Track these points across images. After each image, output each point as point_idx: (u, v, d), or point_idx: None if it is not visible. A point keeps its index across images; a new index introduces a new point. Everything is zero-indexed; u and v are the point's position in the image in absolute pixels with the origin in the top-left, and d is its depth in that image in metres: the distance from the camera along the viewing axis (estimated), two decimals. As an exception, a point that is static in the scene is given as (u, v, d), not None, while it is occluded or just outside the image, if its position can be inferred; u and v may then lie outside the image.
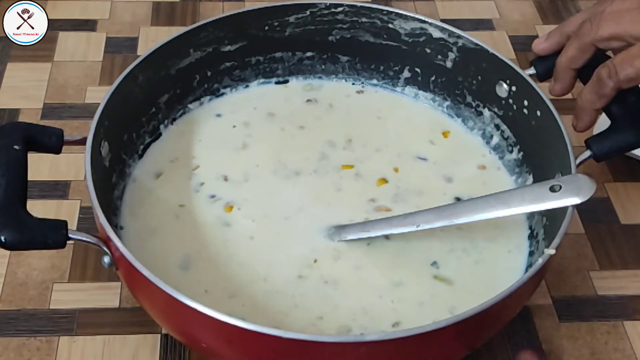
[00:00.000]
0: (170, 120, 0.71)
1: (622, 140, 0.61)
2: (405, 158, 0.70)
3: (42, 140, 0.58)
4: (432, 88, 0.74)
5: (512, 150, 0.69)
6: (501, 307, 0.52)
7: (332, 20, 0.73)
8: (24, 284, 0.67)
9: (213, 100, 0.74)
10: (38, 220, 0.52)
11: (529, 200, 0.57)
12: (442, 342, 0.52)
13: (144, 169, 0.68)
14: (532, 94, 0.65)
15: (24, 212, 0.52)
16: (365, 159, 0.70)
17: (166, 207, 0.65)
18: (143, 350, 0.63)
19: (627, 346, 0.65)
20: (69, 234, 0.53)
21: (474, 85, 0.71)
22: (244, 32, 0.72)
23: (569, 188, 0.55)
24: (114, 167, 0.64)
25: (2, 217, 0.51)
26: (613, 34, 0.59)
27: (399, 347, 0.50)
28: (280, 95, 0.75)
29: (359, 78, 0.76)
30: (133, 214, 0.64)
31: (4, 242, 0.51)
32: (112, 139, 0.63)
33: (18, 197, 0.53)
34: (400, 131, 0.73)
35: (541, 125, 0.64)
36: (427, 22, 0.70)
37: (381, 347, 0.49)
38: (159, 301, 0.53)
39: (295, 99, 0.75)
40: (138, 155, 0.68)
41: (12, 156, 0.54)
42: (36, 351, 0.62)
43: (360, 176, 0.68)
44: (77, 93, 0.84)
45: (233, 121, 0.72)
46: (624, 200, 0.76)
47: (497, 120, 0.70)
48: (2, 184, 0.53)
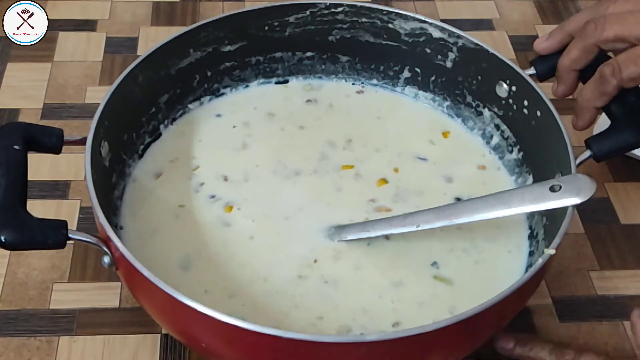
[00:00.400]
0: (170, 120, 0.71)
1: (622, 140, 0.61)
2: (405, 158, 0.70)
3: (42, 140, 0.58)
4: (432, 88, 0.74)
5: (512, 150, 0.69)
6: (501, 307, 0.52)
7: (332, 20, 0.72)
8: (24, 284, 0.67)
9: (213, 101, 0.74)
10: (38, 220, 0.52)
11: (529, 200, 0.57)
12: (442, 342, 0.52)
13: (144, 169, 0.68)
14: (532, 94, 0.65)
15: (24, 212, 0.52)
16: (365, 159, 0.70)
17: (166, 207, 0.65)
18: (143, 350, 0.63)
19: (627, 346, 0.65)
20: (69, 234, 0.53)
21: (474, 85, 0.71)
22: (244, 32, 0.72)
23: (569, 188, 0.55)
24: (114, 167, 0.64)
25: (2, 217, 0.51)
26: (618, 36, 0.59)
27: (398, 347, 0.50)
28: (280, 96, 0.75)
29: (359, 78, 0.76)
30: (133, 214, 0.64)
31: (4, 242, 0.51)
32: (112, 139, 0.63)
33: (18, 197, 0.53)
34: (400, 131, 0.73)
35: (541, 125, 0.64)
36: (427, 22, 0.70)
37: (381, 347, 0.49)
38: (158, 301, 0.53)
39: (295, 99, 0.75)
40: (138, 155, 0.68)
41: (12, 156, 0.54)
42: (36, 351, 0.62)
43: (360, 176, 0.68)
44: (77, 93, 0.84)
45: (233, 121, 0.72)
46: (624, 200, 0.76)
47: (497, 120, 0.70)
48: (2, 184, 0.53)
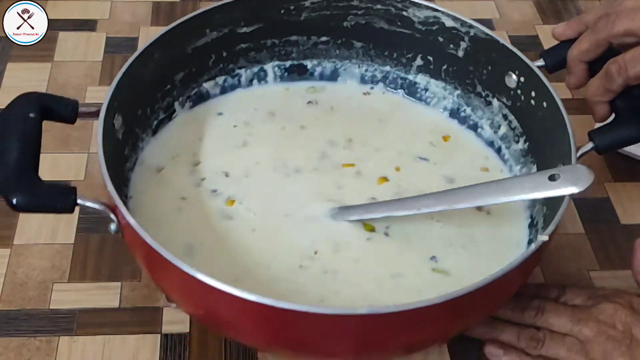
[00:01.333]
0: (185, 98, 0.72)
1: (625, 134, 0.61)
2: (406, 158, 0.70)
3: (57, 110, 0.59)
4: (444, 77, 0.74)
5: (519, 140, 0.69)
6: (493, 289, 0.52)
7: (347, 6, 0.73)
8: (24, 284, 0.67)
9: (215, 99, 0.74)
10: (48, 185, 0.54)
11: (528, 188, 0.58)
12: (429, 321, 0.53)
13: (146, 163, 0.68)
14: (539, 85, 0.66)
15: (35, 177, 0.54)
16: (366, 158, 0.70)
17: (169, 199, 0.66)
18: (143, 350, 0.63)
19: (627, 346, 0.65)
20: (78, 199, 0.54)
21: (484, 75, 0.72)
22: (261, 14, 0.73)
23: (567, 177, 0.56)
24: (127, 141, 0.66)
25: (14, 180, 0.53)
26: (627, 30, 0.60)
27: (389, 322, 0.51)
28: (281, 97, 0.75)
29: (368, 74, 0.77)
30: (140, 191, 0.66)
31: (15, 204, 0.53)
32: (126, 112, 0.64)
33: (30, 163, 0.55)
34: (401, 133, 0.73)
35: (547, 117, 0.65)
36: (440, 11, 0.71)
37: (371, 322, 0.51)
38: (160, 267, 0.54)
39: (297, 100, 0.75)
40: (152, 130, 0.69)
41: (27, 124, 0.56)
42: (36, 351, 0.62)
43: (361, 174, 0.69)
44: (77, 93, 0.84)
45: (233, 121, 0.73)
46: (624, 200, 0.76)
47: (505, 110, 0.71)
48: (16, 150, 0.54)
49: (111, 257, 0.69)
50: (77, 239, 0.70)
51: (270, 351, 0.63)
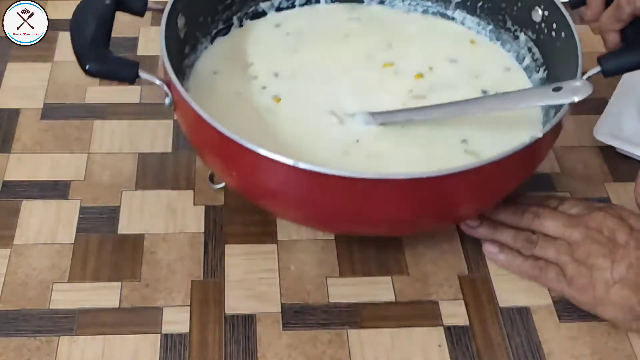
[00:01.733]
0: (243, 14, 0.79)
1: (632, 60, 0.66)
2: (439, 59, 0.78)
3: (129, 2, 0.69)
4: (479, 13, 0.81)
5: (539, 70, 0.75)
6: (494, 170, 0.60)
7: None
8: (24, 284, 0.67)
9: (271, 15, 0.82)
10: (117, 57, 0.64)
11: (535, 97, 0.69)
12: (450, 189, 0.60)
13: (203, 65, 0.75)
14: (560, 18, 0.72)
15: (106, 50, 0.64)
16: (403, 60, 0.78)
17: (224, 94, 0.73)
18: (143, 350, 0.63)
19: (627, 346, 0.65)
20: (140, 72, 0.63)
21: (514, 11, 0.78)
22: None
23: (568, 89, 0.64)
24: (188, 41, 0.73)
25: (89, 51, 0.64)
26: None
27: (414, 188, 0.59)
28: (330, 14, 0.83)
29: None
30: (196, 87, 0.72)
31: (88, 69, 0.63)
32: (189, 15, 0.72)
33: (103, 39, 0.65)
34: (434, 40, 0.81)
35: (564, 47, 0.71)
36: None
37: (398, 187, 0.58)
38: (209, 138, 0.61)
39: (342, 16, 0.83)
40: (210, 37, 0.77)
41: (103, 8, 0.66)
42: (36, 351, 0.62)
43: (399, 72, 0.77)
44: (77, 93, 0.84)
45: (287, 30, 0.80)
46: (624, 200, 0.76)
47: (530, 43, 0.77)
48: (93, 28, 0.65)
49: (111, 257, 0.69)
50: (77, 239, 0.70)
51: (310, 223, 0.70)
